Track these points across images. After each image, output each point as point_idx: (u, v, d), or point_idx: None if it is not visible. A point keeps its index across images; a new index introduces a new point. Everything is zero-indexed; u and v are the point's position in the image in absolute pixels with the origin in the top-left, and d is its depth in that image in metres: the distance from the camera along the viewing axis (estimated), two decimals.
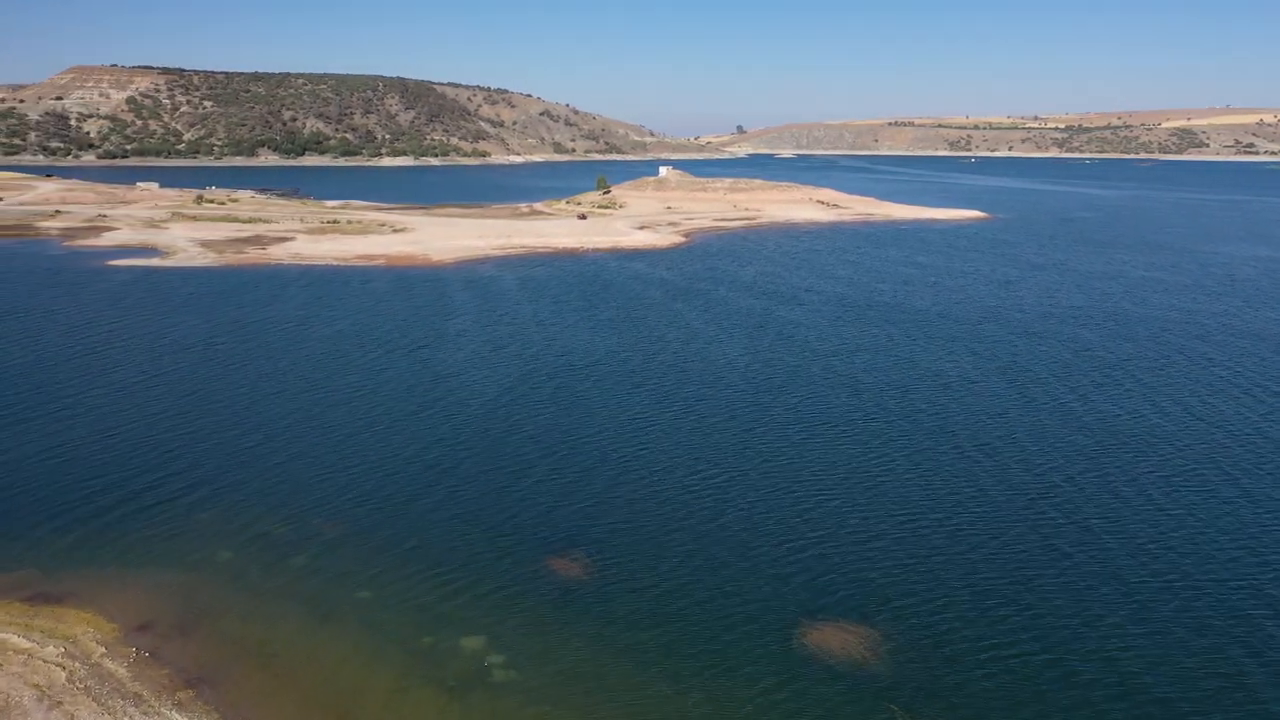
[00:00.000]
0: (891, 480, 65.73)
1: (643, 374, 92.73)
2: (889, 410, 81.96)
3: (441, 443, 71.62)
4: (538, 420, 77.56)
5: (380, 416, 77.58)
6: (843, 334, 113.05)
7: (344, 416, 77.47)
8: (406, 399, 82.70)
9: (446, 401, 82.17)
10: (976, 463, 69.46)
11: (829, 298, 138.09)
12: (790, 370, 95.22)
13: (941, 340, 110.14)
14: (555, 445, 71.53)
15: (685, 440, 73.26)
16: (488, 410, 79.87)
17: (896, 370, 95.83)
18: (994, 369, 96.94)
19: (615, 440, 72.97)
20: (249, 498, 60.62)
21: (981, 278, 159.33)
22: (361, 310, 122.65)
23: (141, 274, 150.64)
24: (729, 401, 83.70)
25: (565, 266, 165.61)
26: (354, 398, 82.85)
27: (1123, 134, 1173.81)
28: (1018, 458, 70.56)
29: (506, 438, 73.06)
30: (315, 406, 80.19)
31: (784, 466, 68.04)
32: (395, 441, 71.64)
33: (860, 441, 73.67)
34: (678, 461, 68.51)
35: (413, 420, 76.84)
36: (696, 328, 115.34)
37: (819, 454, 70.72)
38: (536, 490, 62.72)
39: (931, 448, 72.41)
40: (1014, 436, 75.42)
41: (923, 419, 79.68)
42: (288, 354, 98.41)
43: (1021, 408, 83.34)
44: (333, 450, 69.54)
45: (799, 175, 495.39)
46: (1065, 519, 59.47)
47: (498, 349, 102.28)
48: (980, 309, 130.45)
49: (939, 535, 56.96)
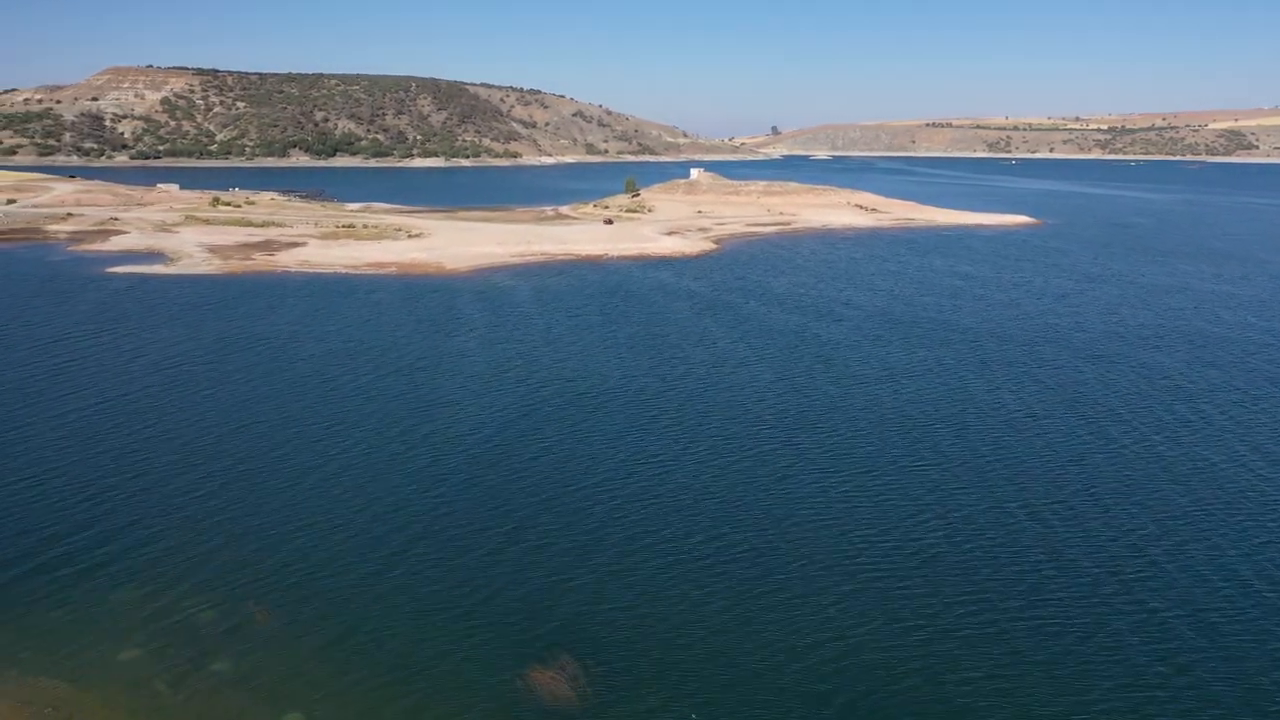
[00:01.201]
0: (953, 553, 54.61)
1: (661, 405, 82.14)
2: (944, 454, 70.72)
3: (420, 496, 61.49)
4: (535, 467, 67.22)
5: (354, 460, 67.60)
6: (886, 356, 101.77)
7: (314, 459, 67.58)
8: (388, 436, 72.70)
9: (433, 440, 72.07)
10: (1053, 527, 58.11)
11: (870, 313, 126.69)
12: (829, 402, 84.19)
13: (997, 365, 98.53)
14: (552, 502, 61.15)
15: (707, 497, 62.55)
16: (478, 453, 69.65)
17: (949, 402, 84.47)
18: (1061, 401, 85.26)
19: (624, 495, 62.46)
20: (181, 570, 50.77)
21: (1035, 291, 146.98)
22: (360, 324, 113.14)
23: (138, 282, 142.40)
24: (758, 443, 72.87)
25: (586, 276, 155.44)
26: (330, 433, 72.97)
27: (1168, 135, 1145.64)
28: (1103, 519, 59.14)
29: (496, 491, 62.77)
30: (284, 445, 70.42)
31: (824, 533, 57.16)
32: (366, 494, 61.60)
33: (912, 497, 62.57)
34: (697, 527, 57.80)
35: (391, 466, 66.77)
36: (724, 348, 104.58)
37: (864, 515, 59.75)
38: (525, 567, 52.35)
39: (998, 505, 61.16)
40: (1095, 491, 63.93)
41: (984, 466, 68.37)
42: (268, 377, 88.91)
43: (1100, 452, 71.73)
44: (291, 506, 59.62)
45: (834, 177, 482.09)
46: (1175, 608, 48.13)
47: (501, 372, 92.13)
48: (1037, 327, 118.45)
49: (1020, 632, 45.86)
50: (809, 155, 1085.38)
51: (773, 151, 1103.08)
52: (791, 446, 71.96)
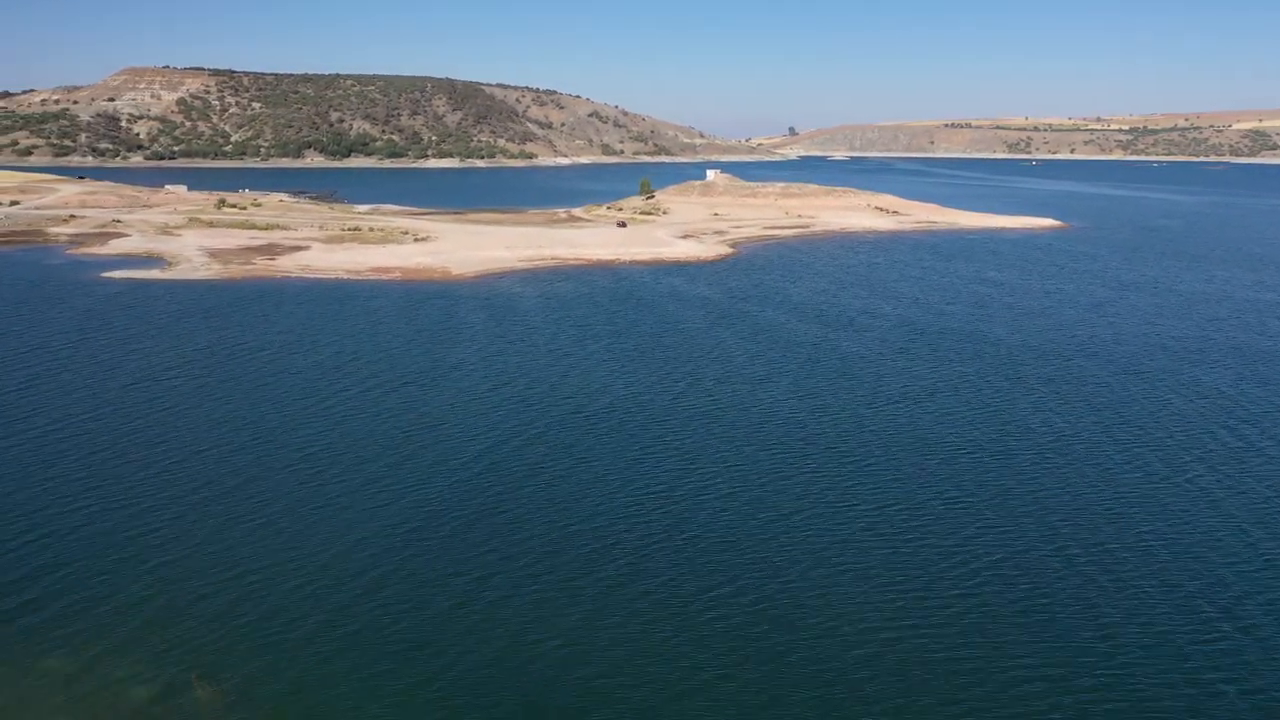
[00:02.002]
0: (991, 621, 48.23)
1: (668, 427, 75.96)
2: (978, 488, 64.23)
3: (393, 533, 55.53)
4: (524, 495, 61.16)
5: (328, 490, 61.70)
6: (911, 372, 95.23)
7: (284, 488, 61.77)
8: (370, 461, 66.84)
9: (417, 464, 66.16)
10: (1101, 587, 51.60)
11: (892, 322, 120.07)
12: (849, 423, 77.78)
13: (1030, 382, 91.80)
14: (538, 539, 55.09)
15: (710, 534, 56.35)
16: (464, 480, 63.67)
17: (980, 425, 77.88)
18: (1102, 426, 78.47)
19: (617, 533, 56.34)
20: (105, 624, 45.07)
21: (1066, 299, 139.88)
22: (354, 335, 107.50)
23: (133, 287, 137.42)
24: (771, 471, 66.59)
25: (596, 282, 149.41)
26: (307, 458, 67.15)
27: (1191, 136, 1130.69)
28: (1160, 575, 52.58)
29: (477, 523, 56.75)
30: (256, 470, 64.68)
31: (840, 581, 50.89)
32: (334, 529, 55.72)
33: (944, 541, 56.14)
34: (697, 571, 51.64)
35: (369, 495, 60.86)
36: (738, 362, 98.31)
37: (889, 558, 53.41)
38: (497, 624, 46.34)
39: (1037, 550, 54.71)
40: (1146, 542, 57.18)
41: (1022, 504, 61.84)
42: (252, 393, 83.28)
43: (1153, 488, 65.03)
44: (250, 544, 53.80)
45: (853, 178, 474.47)
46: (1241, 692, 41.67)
47: (498, 387, 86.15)
48: (1072, 339, 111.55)
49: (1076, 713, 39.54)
50: (826, 156, 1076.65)
51: (790, 152, 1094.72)
52: (808, 475, 65.66)
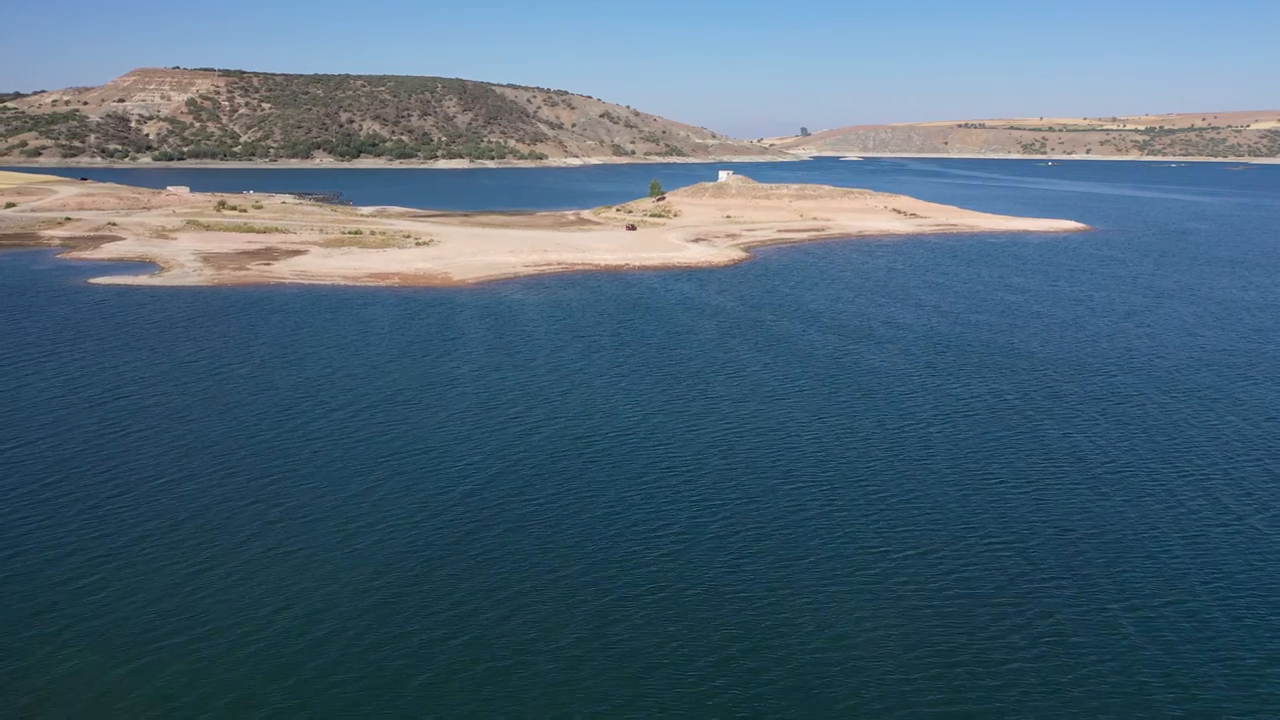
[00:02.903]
0: (1058, 696, 41.39)
1: (677, 453, 69.25)
2: (1028, 530, 57.27)
3: (357, 582, 49.01)
4: (512, 545, 54.46)
5: (292, 528, 55.12)
6: (940, 390, 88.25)
7: (241, 527, 55.25)
8: (343, 499, 60.24)
9: (393, 500, 59.56)
10: (1197, 663, 44.75)
11: (916, 334, 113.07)
12: (877, 450, 70.89)
13: (1071, 401, 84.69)
14: (524, 604, 48.47)
15: (720, 594, 49.63)
16: (444, 519, 57.00)
17: (1024, 452, 70.88)
18: (1159, 452, 71.35)
19: (619, 587, 49.69)
20: (20, 680, 38.66)
21: (1099, 307, 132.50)
22: (344, 346, 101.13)
23: (119, 294, 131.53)
24: (791, 508, 59.78)
25: (604, 289, 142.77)
26: (274, 494, 60.63)
27: (1208, 136, 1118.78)
28: (1237, 629, 45.68)
29: (458, 581, 50.15)
30: (216, 505, 58.22)
31: (881, 652, 44.11)
32: (292, 575, 49.23)
33: (991, 594, 49.27)
34: (707, 632, 44.95)
35: (337, 541, 54.21)
36: (752, 378, 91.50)
37: (931, 620, 46.59)
38: (469, 687, 39.81)
39: (1108, 615, 47.79)
40: (1243, 597, 50.33)
41: (1082, 552, 54.86)
42: (224, 413, 76.90)
43: (1217, 528, 58.04)
44: (195, 593, 47.35)
45: (867, 179, 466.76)
46: None
47: (491, 409, 79.53)
48: (1109, 353, 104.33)
49: None
50: (839, 156, 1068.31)
51: (802, 153, 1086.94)
52: (835, 513, 58.83)
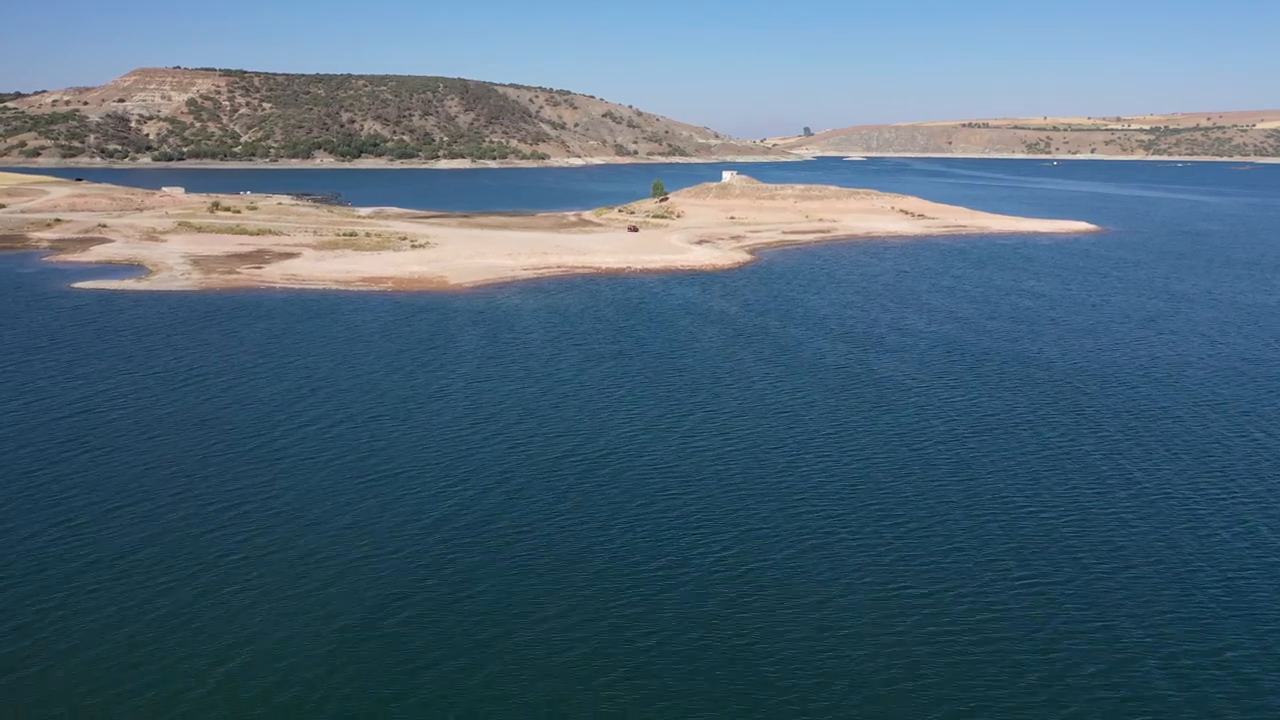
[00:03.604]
0: None
1: (673, 476, 64.47)
2: (1052, 567, 52.41)
3: (312, 638, 44.26)
4: (491, 582, 49.74)
5: (244, 569, 50.36)
6: (955, 403, 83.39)
7: (188, 566, 50.45)
8: (304, 527, 55.44)
9: (362, 535, 54.72)
10: (1214, 709, 39.98)
11: (929, 341, 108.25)
12: (886, 472, 66.06)
13: (1094, 416, 79.78)
14: (502, 648, 43.77)
15: (717, 631, 44.88)
16: (415, 559, 52.22)
17: (1040, 476, 65.97)
18: (1189, 476, 66.41)
19: (599, 638, 44.95)
20: None
21: (1116, 313, 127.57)
22: (331, 355, 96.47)
23: (102, 299, 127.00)
24: (793, 538, 54.97)
25: (604, 293, 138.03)
26: (230, 522, 55.77)
27: (1214, 135, 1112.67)
28: None
29: (425, 623, 45.41)
30: (165, 535, 53.46)
31: (875, 707, 39.35)
32: (241, 631, 44.52)
33: (1015, 641, 44.49)
34: (704, 682, 40.20)
35: (294, 577, 49.45)
36: (758, 389, 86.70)
37: (949, 669, 41.82)
38: None
39: (1142, 669, 43.02)
40: (1266, 643, 45.57)
41: (1112, 593, 50.01)
42: (196, 429, 72.21)
43: (1253, 567, 53.19)
44: (125, 651, 42.65)
45: (871, 180, 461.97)
46: None
47: (478, 424, 74.75)
48: (1130, 362, 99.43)
49: None
50: (842, 156, 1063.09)
51: (805, 153, 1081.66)
52: (845, 545, 54.05)
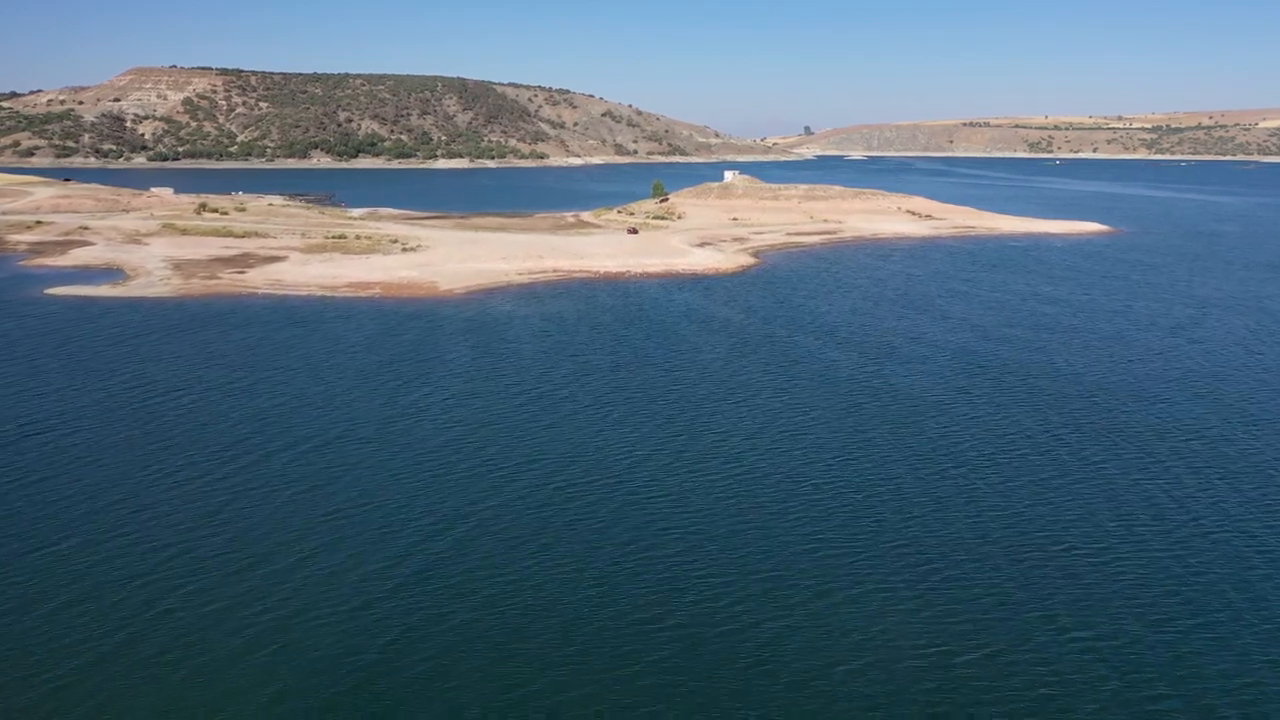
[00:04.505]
0: None
1: (676, 504, 58.07)
2: (1109, 624, 46.15)
3: (265, 685, 37.96)
4: (467, 647, 43.36)
5: (182, 625, 44.00)
6: (982, 422, 76.99)
7: (117, 630, 44.12)
8: (256, 581, 49.05)
9: (323, 589, 48.31)
10: None
11: (946, 352, 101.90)
12: (907, 503, 59.62)
13: (1136, 437, 73.37)
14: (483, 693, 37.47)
15: (721, 687, 38.54)
16: (381, 620, 45.85)
17: (1081, 505, 59.61)
18: (1247, 507, 60.03)
19: (599, 694, 38.63)
20: None
21: (1141, 320, 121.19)
22: (309, 368, 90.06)
23: (73, 307, 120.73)
24: (810, 575, 48.61)
25: (602, 300, 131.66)
26: (170, 573, 49.24)
27: (1216, 134, 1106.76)
28: None
29: (385, 666, 39.08)
30: (92, 578, 47.11)
31: None
32: (185, 678, 38.18)
33: (1060, 708, 38.20)
34: None
35: (243, 644, 43.00)
36: (765, 406, 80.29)
37: None
38: None
39: None
40: None
41: (1204, 649, 43.82)
42: (147, 457, 65.78)
43: None
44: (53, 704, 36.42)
45: (873, 179, 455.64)
46: None
47: (461, 446, 68.23)
48: (1165, 375, 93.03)
49: None
50: (843, 155, 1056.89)
51: (806, 152, 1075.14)
52: (857, 582, 47.72)
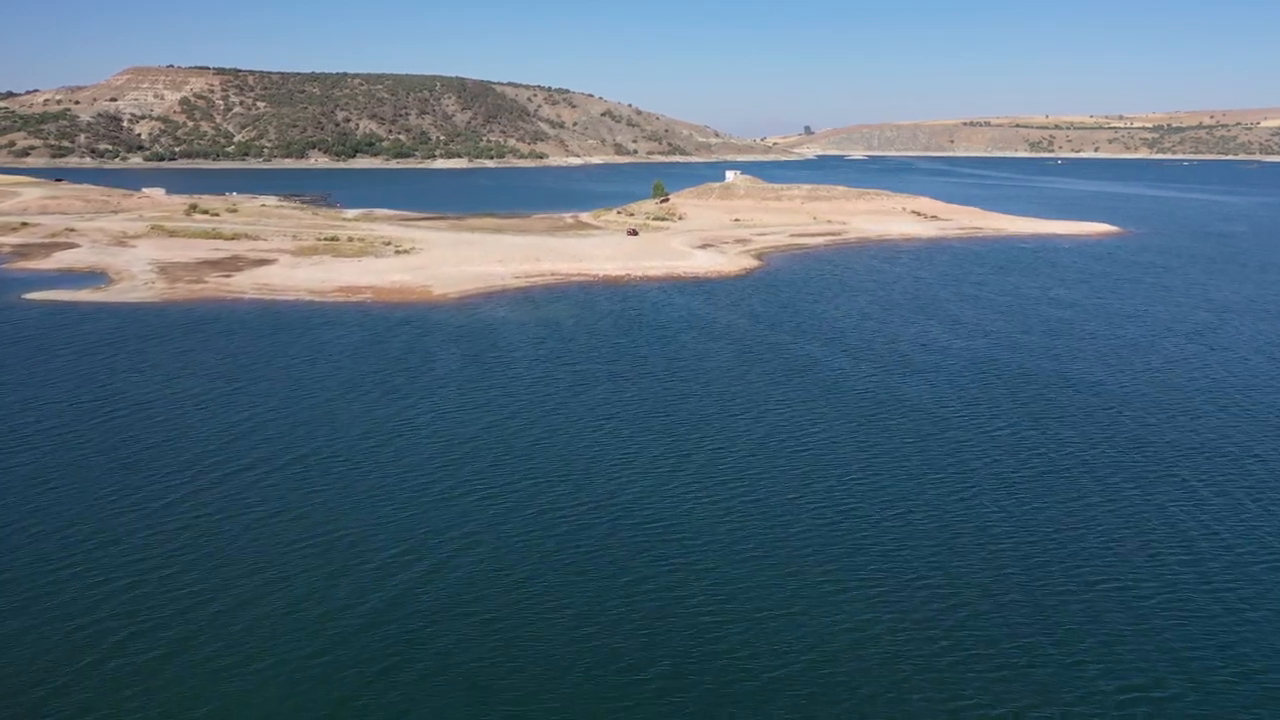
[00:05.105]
0: None
1: (673, 532, 53.41)
2: (1149, 661, 41.56)
3: None
4: (441, 688, 38.73)
5: (132, 678, 39.35)
6: (999, 436, 72.32)
7: (50, 677, 39.53)
8: (212, 616, 44.34)
9: (284, 628, 43.57)
10: None
11: (959, 360, 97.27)
12: (936, 531, 55.01)
13: (1168, 456, 68.68)
14: None
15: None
16: (350, 661, 41.19)
17: (1126, 534, 54.96)
18: None
19: None
20: None
21: (1161, 325, 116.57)
22: (290, 379, 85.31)
23: (51, 313, 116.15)
24: (821, 610, 43.95)
25: (601, 305, 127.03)
26: (119, 610, 44.51)
27: (1218, 134, 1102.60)
28: None
29: None
30: (31, 614, 42.45)
31: None
32: None
33: None
34: None
35: (196, 688, 38.48)
36: (772, 422, 75.55)
37: None
38: None
39: None
40: None
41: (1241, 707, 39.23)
42: (108, 477, 61.08)
43: None
44: None
45: (875, 179, 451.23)
46: None
47: (444, 465, 63.50)
48: (1193, 386, 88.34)
49: None
50: (844, 155, 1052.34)
51: (806, 151, 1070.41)
52: (860, 626, 43.09)
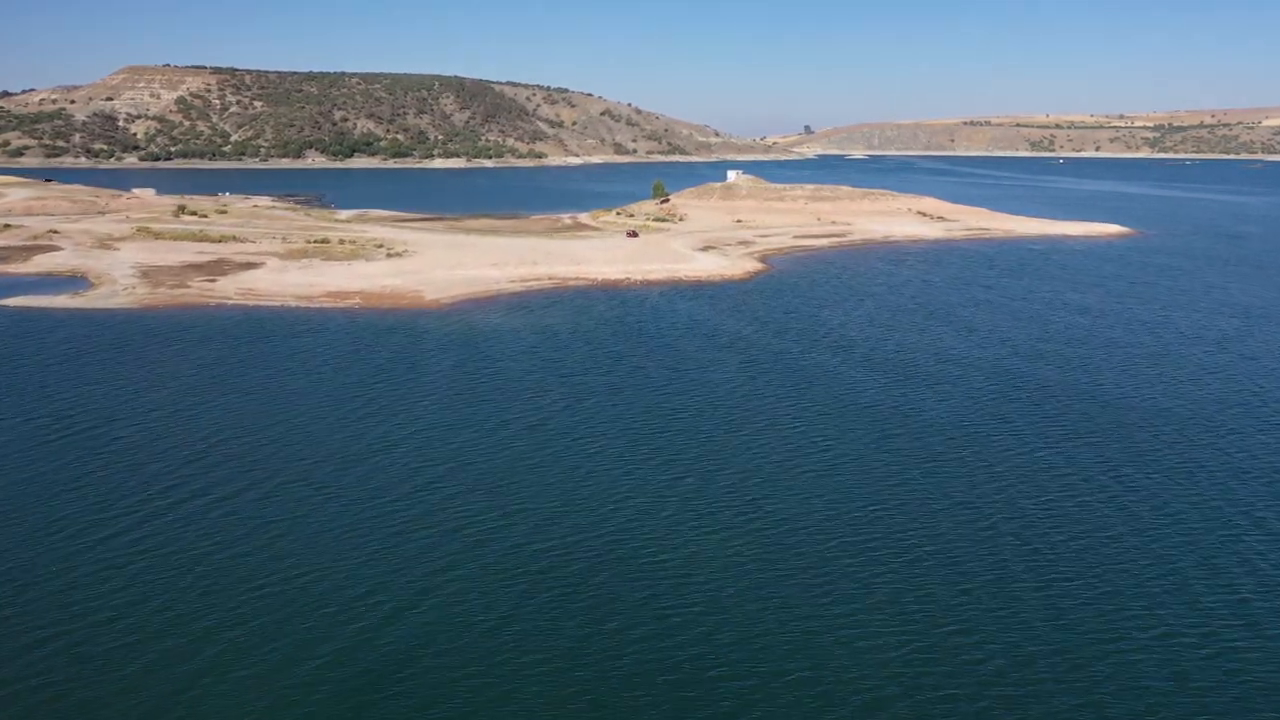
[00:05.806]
0: None
1: (671, 567, 48.40)
2: None
3: None
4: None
5: None
6: (1022, 457, 67.27)
7: None
8: (173, 647, 39.40)
9: (248, 663, 38.75)
10: None
11: (976, 371, 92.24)
12: (962, 565, 50.02)
13: (1215, 474, 63.68)
14: None
15: None
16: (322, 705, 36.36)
17: (1177, 567, 50.12)
18: None
19: None
20: None
21: (1184, 334, 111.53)
22: (266, 393, 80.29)
23: (24, 320, 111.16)
24: (828, 654, 38.97)
25: (600, 310, 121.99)
26: (65, 645, 39.80)
27: (1220, 133, 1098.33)
28: None
29: None
30: None
31: None
32: None
33: None
34: None
35: None
36: (781, 442, 70.50)
37: None
38: None
39: None
40: None
41: None
42: (58, 501, 56.04)
43: None
44: None
45: (877, 178, 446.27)
46: None
47: (427, 492, 58.45)
48: (1229, 400, 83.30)
49: None
50: (844, 155, 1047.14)
51: (806, 151, 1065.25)
52: (884, 663, 38.09)
